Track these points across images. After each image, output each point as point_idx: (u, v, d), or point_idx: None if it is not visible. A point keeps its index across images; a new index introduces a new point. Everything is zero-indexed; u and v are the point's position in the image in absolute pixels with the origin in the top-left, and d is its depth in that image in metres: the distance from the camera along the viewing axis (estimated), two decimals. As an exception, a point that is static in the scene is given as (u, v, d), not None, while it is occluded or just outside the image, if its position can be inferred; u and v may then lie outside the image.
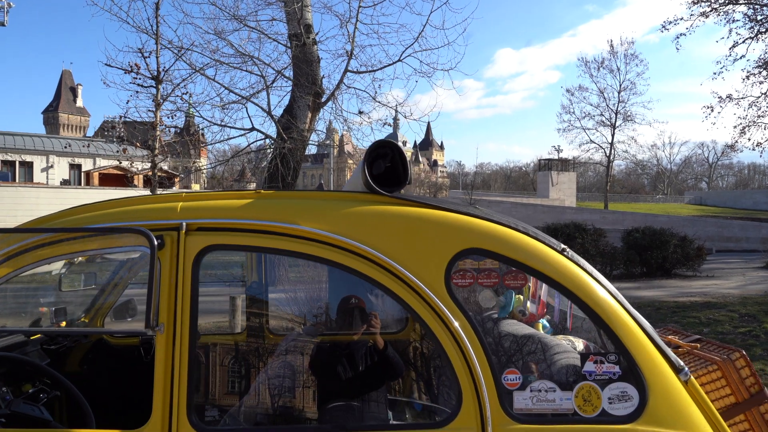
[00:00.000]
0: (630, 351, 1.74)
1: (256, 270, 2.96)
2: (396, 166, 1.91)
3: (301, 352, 2.08)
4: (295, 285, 2.63)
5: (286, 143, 11.87)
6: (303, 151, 13.16)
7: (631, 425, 1.70)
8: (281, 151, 12.03)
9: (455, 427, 1.65)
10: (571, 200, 43.90)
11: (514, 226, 1.84)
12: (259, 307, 2.82)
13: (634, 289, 14.26)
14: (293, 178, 12.59)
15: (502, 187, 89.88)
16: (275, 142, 12.57)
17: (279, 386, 1.98)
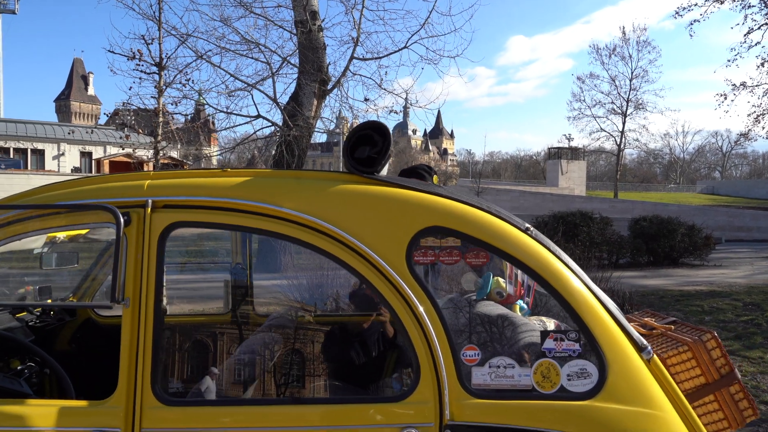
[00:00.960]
0: (590, 329, 1.76)
1: (240, 252, 3.00)
2: (381, 148, 1.92)
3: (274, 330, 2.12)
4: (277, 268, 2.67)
5: (292, 130, 11.90)
6: (309, 139, 13.18)
7: (589, 401, 1.72)
8: (286, 138, 12.06)
9: (413, 400, 1.68)
10: (580, 189, 43.60)
11: (477, 205, 1.85)
12: (241, 289, 2.87)
13: (639, 277, 14.19)
14: (298, 165, 12.63)
15: (513, 176, 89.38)
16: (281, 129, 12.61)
17: (247, 363, 2.03)
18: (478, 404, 1.69)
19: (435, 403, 1.68)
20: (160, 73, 8.51)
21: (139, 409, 1.64)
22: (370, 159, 1.87)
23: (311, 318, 2.40)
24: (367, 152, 1.88)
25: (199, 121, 11.94)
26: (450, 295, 2.52)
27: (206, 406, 1.73)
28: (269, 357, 2.07)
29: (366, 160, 1.87)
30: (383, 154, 1.85)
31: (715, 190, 58.21)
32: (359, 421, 1.67)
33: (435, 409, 1.68)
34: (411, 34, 12.13)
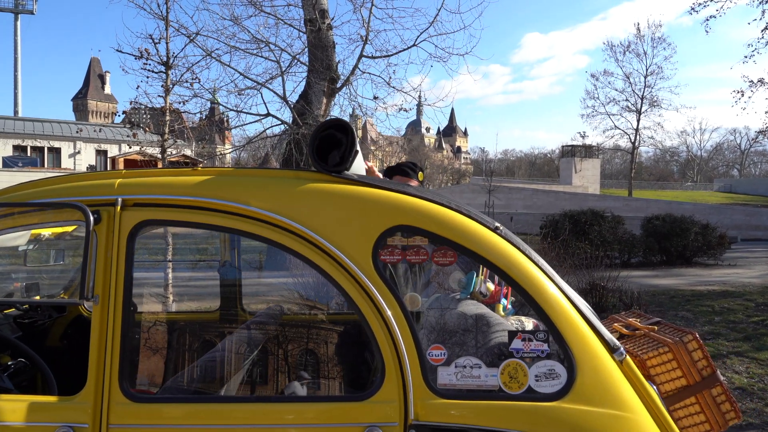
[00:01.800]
0: (559, 329, 1.74)
1: (228, 251, 3.02)
2: (346, 146, 1.91)
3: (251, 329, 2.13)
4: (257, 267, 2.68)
5: (301, 129, 11.94)
6: (318, 137, 13.16)
7: (556, 403, 1.70)
8: (295, 136, 12.11)
9: (377, 399, 1.68)
10: (594, 187, 43.19)
11: (446, 204, 1.84)
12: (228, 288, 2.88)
13: (651, 277, 14.04)
14: (306, 164, 12.67)
15: (527, 174, 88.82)
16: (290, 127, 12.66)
17: (217, 361, 2.05)
18: (443, 404, 1.68)
19: (400, 403, 1.67)
20: (167, 72, 8.57)
21: (107, 405, 1.66)
22: (339, 159, 1.87)
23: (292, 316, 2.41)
24: (337, 156, 1.87)
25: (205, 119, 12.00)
26: (437, 294, 2.51)
27: (172, 403, 1.74)
28: (240, 356, 2.08)
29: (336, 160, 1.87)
30: (348, 153, 1.84)
31: (732, 188, 57.31)
32: (323, 419, 1.67)
33: (400, 409, 1.67)
34: (420, 32, 12.10)
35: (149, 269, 7.69)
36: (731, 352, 7.11)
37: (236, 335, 2.19)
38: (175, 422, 1.66)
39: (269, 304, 2.87)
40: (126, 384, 1.68)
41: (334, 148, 1.89)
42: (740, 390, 5.76)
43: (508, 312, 2.61)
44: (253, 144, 14.92)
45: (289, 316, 2.64)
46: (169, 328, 2.56)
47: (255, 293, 3.04)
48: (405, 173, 3.40)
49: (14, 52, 47.99)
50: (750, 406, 5.34)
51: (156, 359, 2.23)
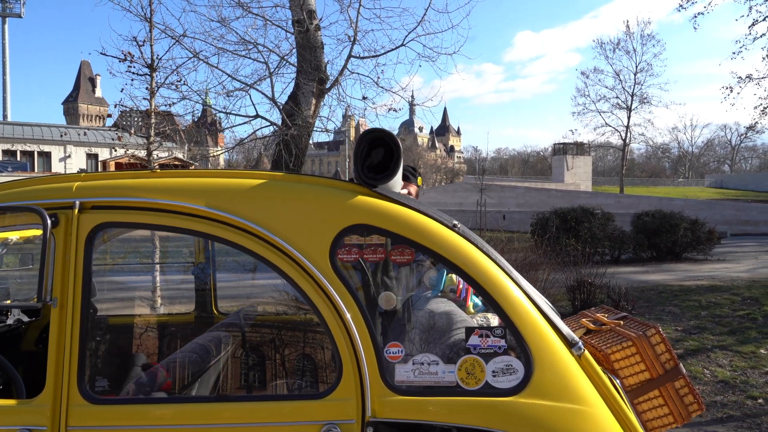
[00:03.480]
0: (516, 325, 1.76)
1: (202, 253, 3.03)
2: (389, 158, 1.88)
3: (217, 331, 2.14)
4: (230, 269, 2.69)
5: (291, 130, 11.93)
6: (308, 138, 13.21)
7: (513, 398, 1.72)
8: (284, 137, 12.09)
9: (335, 397, 1.69)
10: (586, 184, 43.32)
11: (404, 203, 1.85)
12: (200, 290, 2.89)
13: (641, 273, 14.11)
14: (296, 165, 12.66)
15: (520, 172, 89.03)
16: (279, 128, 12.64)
17: (178, 363, 2.05)
18: (400, 401, 1.70)
19: (357, 400, 1.69)
20: (152, 74, 8.55)
21: (65, 408, 1.67)
22: (380, 167, 1.85)
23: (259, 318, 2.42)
24: (381, 155, 1.86)
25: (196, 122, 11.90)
26: (411, 293, 2.53)
27: (131, 404, 1.75)
28: (203, 357, 2.09)
29: (377, 167, 1.86)
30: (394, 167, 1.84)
31: (723, 183, 57.66)
32: (281, 418, 1.68)
33: (357, 406, 1.68)
34: (408, 31, 12.12)
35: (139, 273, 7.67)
36: (716, 345, 7.17)
37: (203, 337, 2.20)
38: (132, 423, 1.67)
39: (243, 305, 2.88)
40: (85, 386, 1.69)
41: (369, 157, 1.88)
42: (723, 383, 5.81)
43: (478, 309, 2.63)
44: (246, 146, 14.85)
45: (262, 316, 2.65)
46: (137, 331, 2.56)
47: (235, 295, 3.05)
48: (405, 177, 3.38)
49: (2, 56, 47.76)
50: (732, 399, 5.39)
51: (121, 361, 2.24)
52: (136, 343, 2.52)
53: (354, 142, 35.07)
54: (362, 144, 1.85)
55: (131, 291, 4.69)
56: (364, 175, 1.83)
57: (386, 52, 13.12)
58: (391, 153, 1.86)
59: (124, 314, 2.88)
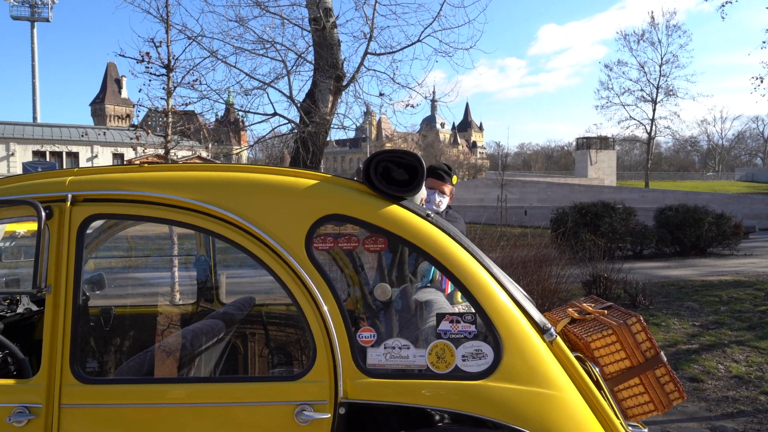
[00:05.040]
0: (486, 311, 1.81)
1: (203, 245, 3.14)
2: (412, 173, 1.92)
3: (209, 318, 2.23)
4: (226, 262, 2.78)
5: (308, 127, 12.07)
6: (325, 135, 13.34)
7: (482, 381, 1.77)
8: (301, 135, 12.24)
9: (308, 379, 1.77)
10: (611, 179, 42.70)
11: (378, 194, 1.92)
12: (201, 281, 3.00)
13: (663, 268, 13.90)
14: (312, 162, 12.80)
15: (543, 168, 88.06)
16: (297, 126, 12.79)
17: (166, 348, 2.16)
18: (372, 383, 1.77)
19: (330, 382, 1.76)
20: (168, 74, 8.75)
21: (59, 387, 1.78)
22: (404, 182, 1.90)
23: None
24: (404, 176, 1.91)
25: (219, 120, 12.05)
26: (405, 284, 2.59)
27: (118, 384, 1.85)
28: (193, 342, 2.19)
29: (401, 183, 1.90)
30: (420, 181, 1.89)
31: (755, 177, 56.17)
32: (256, 398, 1.76)
33: (330, 388, 1.76)
34: (424, 27, 12.15)
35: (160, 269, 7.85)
36: (733, 341, 7.05)
37: (197, 324, 2.30)
38: (119, 402, 1.77)
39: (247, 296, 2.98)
40: (77, 367, 1.80)
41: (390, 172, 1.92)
42: (736, 378, 5.74)
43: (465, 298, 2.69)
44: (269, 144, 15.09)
45: (257, 306, 2.74)
46: (135, 320, 2.68)
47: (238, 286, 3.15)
48: (440, 176, 3.40)
49: (32, 59, 49.11)
50: (744, 394, 5.32)
51: (116, 346, 2.36)
52: (131, 330, 2.64)
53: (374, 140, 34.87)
54: (381, 161, 1.91)
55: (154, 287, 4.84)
56: (389, 189, 1.89)
57: (402, 48, 13.13)
58: (415, 171, 1.92)
59: (123, 304, 3.01)
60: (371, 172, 1.91)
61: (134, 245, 3.30)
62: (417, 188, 1.92)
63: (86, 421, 1.77)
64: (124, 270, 3.47)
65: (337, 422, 1.74)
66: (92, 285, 3.33)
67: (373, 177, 1.90)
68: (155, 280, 5.15)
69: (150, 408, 1.77)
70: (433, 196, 3.35)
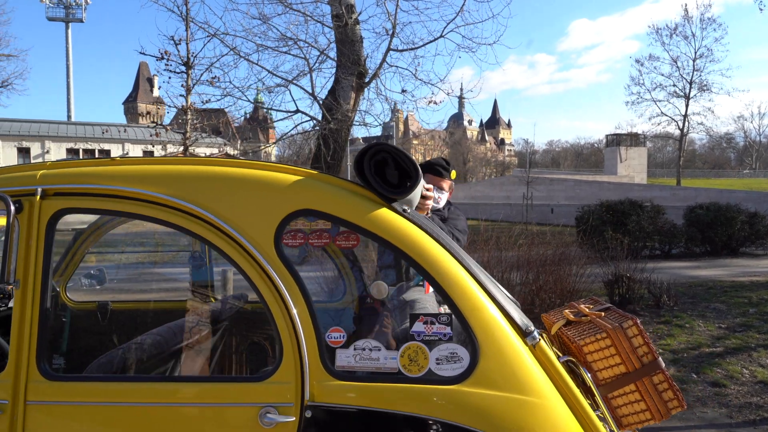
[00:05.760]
0: (462, 312, 1.71)
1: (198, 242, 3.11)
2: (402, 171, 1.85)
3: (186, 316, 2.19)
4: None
5: (330, 124, 12.07)
6: (347, 132, 13.32)
7: (456, 386, 1.68)
8: (323, 132, 12.24)
9: (274, 380, 1.70)
10: (641, 177, 41.67)
11: (351, 188, 1.84)
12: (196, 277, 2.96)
13: (691, 268, 13.48)
14: (333, 159, 12.79)
15: (572, 165, 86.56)
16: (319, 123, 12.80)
17: (139, 345, 2.12)
18: (340, 386, 1.69)
19: (296, 384, 1.69)
20: (188, 72, 8.83)
21: (25, 383, 1.75)
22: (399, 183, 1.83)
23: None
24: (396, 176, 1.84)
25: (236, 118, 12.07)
26: (402, 283, 2.52)
27: (84, 382, 1.82)
28: (166, 340, 2.15)
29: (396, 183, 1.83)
30: (414, 181, 1.81)
31: (794, 174, 54.20)
32: (222, 399, 1.70)
33: (296, 390, 1.69)
34: (447, 22, 12.01)
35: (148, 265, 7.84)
36: (760, 344, 6.76)
37: (176, 322, 2.27)
38: (84, 399, 1.74)
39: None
40: (44, 363, 1.77)
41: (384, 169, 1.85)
42: (762, 384, 5.48)
43: None
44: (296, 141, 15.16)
45: (234, 301, 2.69)
46: (113, 316, 2.66)
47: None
48: (438, 172, 3.33)
49: (66, 59, 50.39)
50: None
51: (91, 342, 2.34)
52: (102, 326, 2.62)
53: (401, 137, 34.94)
54: (370, 158, 1.83)
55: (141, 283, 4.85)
56: (383, 189, 1.81)
57: (425, 44, 13.01)
58: (406, 171, 1.84)
59: (95, 300, 2.99)
60: (365, 167, 1.83)
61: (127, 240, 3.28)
62: (410, 190, 1.82)
63: (51, 418, 1.74)
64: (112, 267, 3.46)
65: (303, 426, 1.67)
66: (93, 280, 3.34)
67: (367, 173, 1.82)
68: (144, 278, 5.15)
69: (114, 407, 1.73)
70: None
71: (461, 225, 3.45)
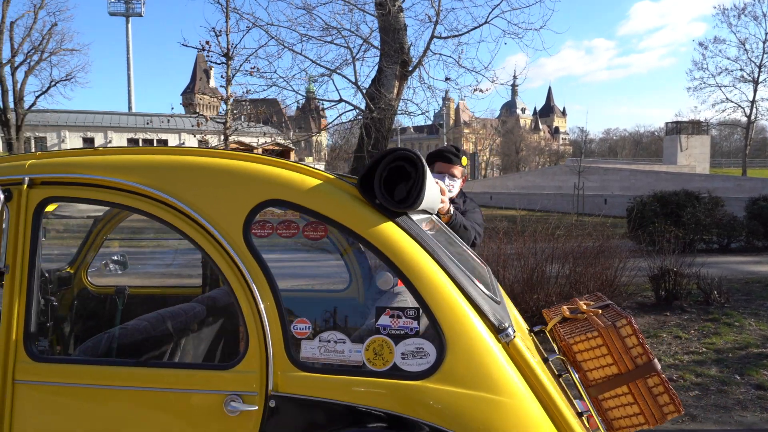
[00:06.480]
0: (430, 307, 1.66)
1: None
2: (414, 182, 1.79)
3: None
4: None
5: (373, 113, 12.07)
6: (391, 121, 13.29)
7: (421, 382, 1.64)
8: (365, 121, 12.26)
9: (240, 369, 1.71)
10: (703, 166, 39.62)
11: (323, 178, 1.82)
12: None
13: (751, 263, 12.74)
14: (375, 148, 12.79)
15: (631, 154, 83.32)
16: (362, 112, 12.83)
17: (123, 330, 2.18)
18: (304, 377, 1.68)
19: (261, 374, 1.69)
20: (227, 63, 9.01)
21: (13, 363, 1.84)
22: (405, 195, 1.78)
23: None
24: (404, 191, 1.79)
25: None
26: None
27: (65, 363, 1.89)
28: (153, 326, 2.20)
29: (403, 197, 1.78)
30: (418, 189, 1.75)
31: None
32: (189, 386, 1.73)
33: (261, 380, 1.69)
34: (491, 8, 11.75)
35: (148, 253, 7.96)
36: (816, 347, 6.32)
37: (166, 309, 2.33)
38: (64, 380, 1.81)
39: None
40: (30, 345, 1.85)
41: (403, 177, 1.81)
42: (810, 389, 5.12)
43: None
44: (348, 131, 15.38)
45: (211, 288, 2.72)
46: (95, 300, 2.74)
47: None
48: (447, 159, 3.29)
49: (127, 52, 52.61)
50: (817, 407, 4.74)
51: (79, 326, 2.43)
52: (89, 310, 2.70)
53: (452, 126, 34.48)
54: (383, 166, 1.78)
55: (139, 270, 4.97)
56: (385, 200, 1.77)
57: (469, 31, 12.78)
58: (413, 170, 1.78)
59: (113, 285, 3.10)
60: (376, 181, 1.76)
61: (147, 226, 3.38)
62: (416, 203, 1.76)
63: (37, 396, 1.82)
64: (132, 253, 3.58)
65: (266, 415, 1.67)
66: (117, 264, 3.48)
67: (377, 186, 1.75)
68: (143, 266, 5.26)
69: (89, 389, 1.79)
70: (443, 181, 3.20)
71: (479, 218, 3.38)
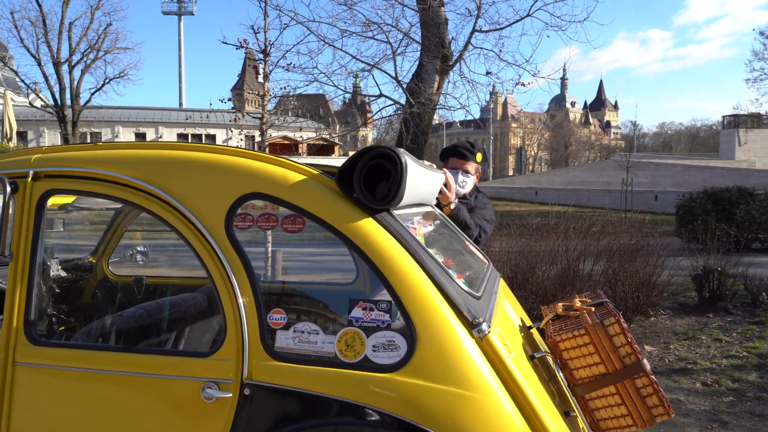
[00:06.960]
0: (402, 301, 1.67)
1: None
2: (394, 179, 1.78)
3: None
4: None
5: (413, 108, 12.07)
6: (431, 116, 13.24)
7: (390, 374, 1.65)
8: (405, 116, 12.26)
9: (217, 357, 1.77)
10: (763, 162, 37.59)
11: (308, 173, 1.86)
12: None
13: (807, 265, 12.03)
14: (415, 143, 12.78)
15: (687, 149, 80.00)
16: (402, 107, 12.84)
17: (116, 319, 2.28)
18: (277, 366, 1.72)
19: (237, 362, 1.74)
20: (265, 59, 9.17)
21: (14, 347, 1.96)
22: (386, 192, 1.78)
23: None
24: (385, 189, 1.80)
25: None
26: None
27: (60, 348, 2.00)
28: (149, 314, 2.30)
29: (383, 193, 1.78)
30: (396, 188, 1.75)
31: None
32: (169, 371, 1.80)
33: (237, 368, 1.74)
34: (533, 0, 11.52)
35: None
36: None
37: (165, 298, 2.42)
38: (59, 363, 1.92)
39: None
40: (30, 329, 1.97)
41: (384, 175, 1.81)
42: None
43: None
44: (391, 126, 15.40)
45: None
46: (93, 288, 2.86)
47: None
48: (461, 155, 3.29)
49: (179, 50, 54.38)
50: None
51: (95, 313, 2.55)
52: (87, 298, 2.82)
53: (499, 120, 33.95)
54: (362, 163, 1.79)
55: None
56: (364, 197, 1.78)
57: (511, 24, 12.56)
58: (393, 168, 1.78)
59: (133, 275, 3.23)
60: (356, 177, 1.76)
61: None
62: (393, 201, 1.77)
63: (35, 377, 1.94)
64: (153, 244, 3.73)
65: (240, 403, 1.72)
66: (140, 254, 3.65)
67: (356, 183, 1.76)
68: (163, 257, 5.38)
69: (81, 372, 1.89)
70: (456, 176, 3.18)
71: (489, 215, 3.34)
